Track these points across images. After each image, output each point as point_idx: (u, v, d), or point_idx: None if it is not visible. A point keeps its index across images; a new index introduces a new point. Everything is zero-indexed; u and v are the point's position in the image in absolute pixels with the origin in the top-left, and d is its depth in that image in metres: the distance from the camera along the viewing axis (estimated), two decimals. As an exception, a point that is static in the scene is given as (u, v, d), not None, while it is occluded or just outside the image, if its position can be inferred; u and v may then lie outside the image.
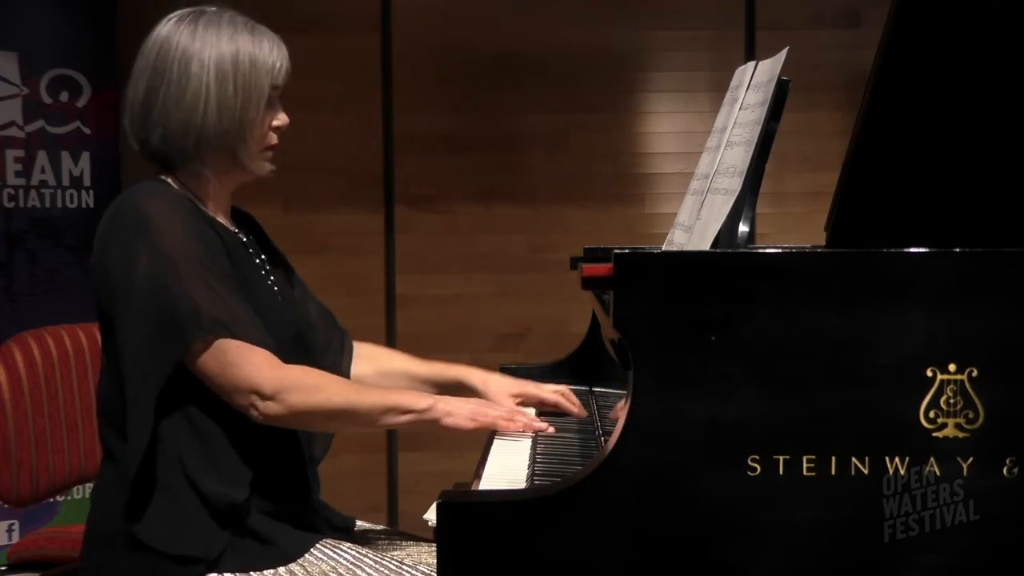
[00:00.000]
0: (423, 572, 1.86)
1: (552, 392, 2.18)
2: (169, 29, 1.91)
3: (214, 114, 1.88)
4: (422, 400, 1.87)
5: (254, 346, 1.79)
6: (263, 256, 2.05)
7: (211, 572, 1.80)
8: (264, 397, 1.77)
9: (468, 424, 1.87)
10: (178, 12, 1.93)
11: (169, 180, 1.93)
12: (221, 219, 1.96)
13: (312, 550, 1.86)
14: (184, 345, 1.76)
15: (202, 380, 1.80)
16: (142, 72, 1.91)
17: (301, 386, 1.80)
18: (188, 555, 1.79)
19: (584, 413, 2.16)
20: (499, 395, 2.15)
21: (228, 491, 1.81)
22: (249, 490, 1.83)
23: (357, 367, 2.20)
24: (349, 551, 1.88)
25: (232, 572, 1.80)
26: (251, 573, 1.81)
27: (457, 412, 1.87)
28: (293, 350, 1.92)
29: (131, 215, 1.83)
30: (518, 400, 2.16)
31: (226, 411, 1.83)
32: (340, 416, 1.85)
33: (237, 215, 2.07)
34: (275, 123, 1.95)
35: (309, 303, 2.15)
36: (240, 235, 2.00)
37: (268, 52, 1.92)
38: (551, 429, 1.99)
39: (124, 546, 1.82)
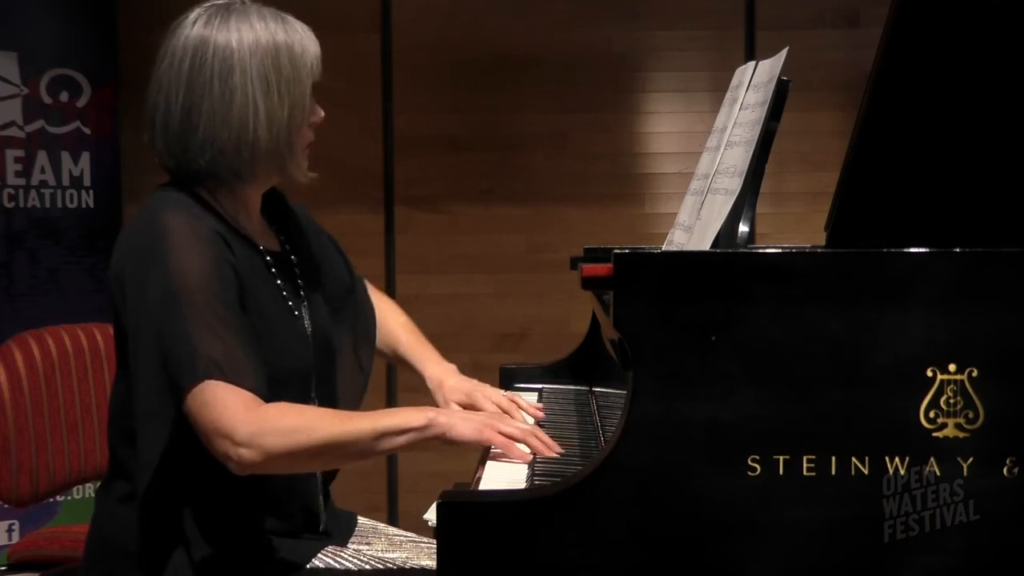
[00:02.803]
0: (428, 572, 1.86)
1: (494, 404, 2.06)
2: (199, 32, 1.77)
3: (264, 128, 1.77)
4: (418, 416, 1.72)
5: (237, 388, 1.65)
6: (296, 269, 1.94)
7: None
8: (236, 443, 1.63)
9: (478, 436, 1.74)
10: (202, 10, 1.80)
11: (202, 193, 1.81)
12: (250, 230, 1.86)
13: (315, 560, 1.86)
14: (179, 389, 1.66)
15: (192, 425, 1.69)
16: (175, 83, 1.77)
17: (277, 428, 1.64)
18: None
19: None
20: (447, 400, 2.10)
21: (240, 536, 1.79)
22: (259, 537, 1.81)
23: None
24: (352, 558, 1.88)
25: None
26: None
27: (463, 423, 1.74)
28: (299, 384, 1.84)
29: (149, 235, 1.72)
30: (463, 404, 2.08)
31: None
32: (327, 452, 1.69)
33: (271, 205, 1.97)
34: (312, 119, 1.86)
35: (349, 305, 2.07)
36: (266, 252, 1.88)
37: (304, 47, 1.81)
38: (556, 451, 1.83)
39: (127, 565, 1.80)
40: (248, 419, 1.64)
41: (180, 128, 1.77)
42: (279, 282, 1.88)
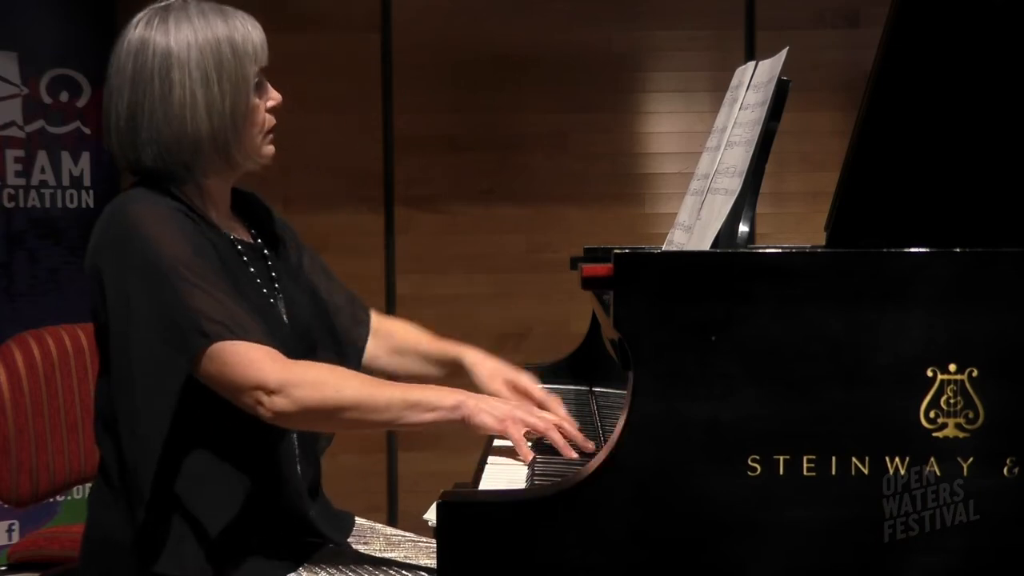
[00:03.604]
0: (428, 571, 1.86)
1: (541, 395, 1.97)
2: (141, 34, 1.81)
3: (204, 119, 1.78)
4: (450, 396, 1.72)
5: (253, 343, 1.69)
6: (268, 262, 1.94)
7: None
8: (269, 392, 1.67)
9: (498, 426, 1.72)
10: (144, 13, 1.84)
11: (171, 189, 1.82)
12: (219, 222, 1.87)
13: (313, 559, 1.85)
14: (191, 356, 1.69)
15: (210, 387, 1.72)
16: (120, 85, 1.81)
17: (307, 380, 1.70)
18: None
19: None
20: (490, 379, 2.03)
21: (223, 517, 1.78)
22: (244, 517, 1.80)
23: (370, 345, 2.13)
24: (350, 568, 1.87)
25: None
26: None
27: (489, 411, 1.72)
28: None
29: (121, 227, 1.75)
30: (508, 387, 2.01)
31: (229, 444, 1.78)
32: (354, 411, 1.71)
33: (239, 203, 1.97)
34: (269, 104, 1.87)
35: (321, 296, 2.05)
36: (236, 242, 1.89)
37: (245, 36, 1.82)
38: (590, 446, 1.80)
39: (123, 563, 1.80)
40: (276, 368, 1.69)
41: (126, 127, 1.80)
42: (252, 270, 1.89)
